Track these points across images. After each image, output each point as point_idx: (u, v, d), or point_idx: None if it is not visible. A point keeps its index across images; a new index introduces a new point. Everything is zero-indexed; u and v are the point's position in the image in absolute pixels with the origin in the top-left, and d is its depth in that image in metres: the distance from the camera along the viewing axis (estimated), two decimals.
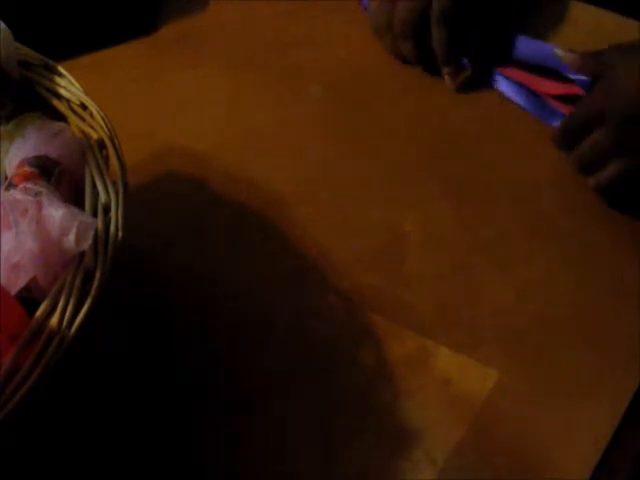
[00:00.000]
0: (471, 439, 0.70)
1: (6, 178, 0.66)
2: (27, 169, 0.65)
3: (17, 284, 0.58)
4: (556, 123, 0.90)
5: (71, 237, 0.59)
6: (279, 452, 0.70)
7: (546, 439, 0.70)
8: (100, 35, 1.01)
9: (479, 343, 0.76)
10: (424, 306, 0.78)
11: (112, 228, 0.62)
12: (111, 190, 0.64)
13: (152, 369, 0.74)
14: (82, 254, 0.60)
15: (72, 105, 0.71)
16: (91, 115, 0.70)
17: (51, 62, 0.74)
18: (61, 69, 0.73)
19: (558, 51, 0.89)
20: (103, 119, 0.69)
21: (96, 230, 0.60)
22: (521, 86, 0.93)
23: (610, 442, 0.70)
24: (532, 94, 0.93)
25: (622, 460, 0.70)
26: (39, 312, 0.57)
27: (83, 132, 0.69)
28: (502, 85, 0.95)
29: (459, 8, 0.92)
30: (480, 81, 0.96)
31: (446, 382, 0.74)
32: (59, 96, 0.72)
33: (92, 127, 0.69)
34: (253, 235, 0.84)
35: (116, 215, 0.63)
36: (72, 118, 0.70)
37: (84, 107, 0.71)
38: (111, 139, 0.68)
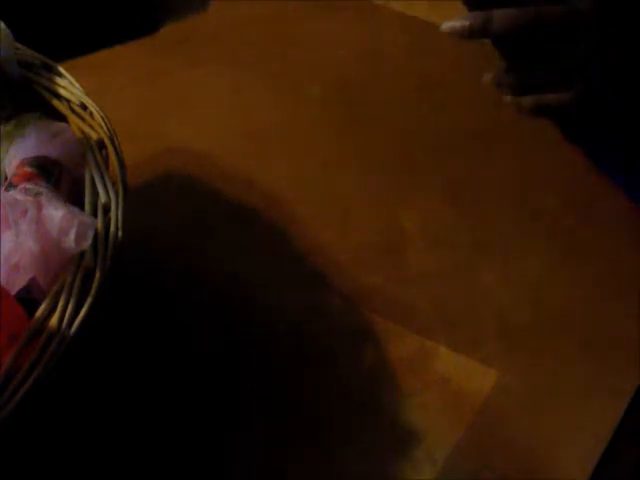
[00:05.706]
0: (471, 439, 0.70)
1: (6, 178, 0.66)
2: (27, 169, 0.65)
3: (17, 284, 0.58)
4: None
5: (71, 237, 0.59)
6: (279, 452, 0.70)
7: (546, 439, 0.70)
8: (100, 35, 1.01)
9: (479, 343, 0.76)
10: (424, 306, 0.78)
11: (112, 228, 0.62)
12: (111, 190, 0.64)
13: (152, 368, 0.74)
14: (82, 254, 0.60)
15: (72, 105, 0.71)
16: (91, 115, 0.70)
17: (51, 62, 0.74)
18: (61, 69, 0.73)
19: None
20: (103, 119, 0.69)
21: (96, 230, 0.60)
22: None
23: (610, 442, 0.70)
24: None
25: (622, 460, 0.70)
26: (39, 312, 0.57)
27: (83, 132, 0.69)
28: None
29: None
30: None
31: (446, 382, 0.73)
32: (59, 96, 0.72)
33: (92, 127, 0.69)
34: (253, 235, 0.84)
35: (116, 215, 0.63)
36: (72, 118, 0.70)
37: (84, 107, 0.71)
38: (111, 139, 0.68)
